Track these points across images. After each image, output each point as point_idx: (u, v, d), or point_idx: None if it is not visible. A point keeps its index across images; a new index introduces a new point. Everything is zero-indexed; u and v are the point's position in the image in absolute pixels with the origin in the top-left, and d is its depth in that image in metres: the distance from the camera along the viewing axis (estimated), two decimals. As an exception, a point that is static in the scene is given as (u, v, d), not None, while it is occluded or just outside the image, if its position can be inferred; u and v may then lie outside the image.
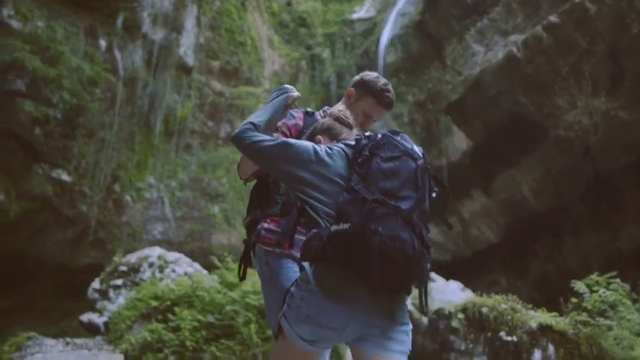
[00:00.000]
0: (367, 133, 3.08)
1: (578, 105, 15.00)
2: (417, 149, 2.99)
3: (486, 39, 16.19)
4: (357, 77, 3.79)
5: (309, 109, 3.75)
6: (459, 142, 16.87)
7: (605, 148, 15.15)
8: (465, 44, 16.62)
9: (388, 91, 3.69)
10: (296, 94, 3.47)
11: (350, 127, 3.40)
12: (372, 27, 19.43)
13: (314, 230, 2.76)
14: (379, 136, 2.97)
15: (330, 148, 3.00)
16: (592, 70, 14.67)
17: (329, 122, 3.40)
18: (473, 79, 16.19)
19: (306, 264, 2.78)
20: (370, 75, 3.76)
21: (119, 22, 14.71)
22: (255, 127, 3.04)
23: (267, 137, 3.00)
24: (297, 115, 3.65)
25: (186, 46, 16.42)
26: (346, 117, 3.42)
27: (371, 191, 2.71)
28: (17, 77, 12.62)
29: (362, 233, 2.57)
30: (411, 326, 2.88)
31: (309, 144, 2.99)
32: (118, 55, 14.76)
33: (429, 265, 2.78)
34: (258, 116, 3.16)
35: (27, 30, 12.94)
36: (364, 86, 3.71)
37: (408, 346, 2.83)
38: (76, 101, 13.51)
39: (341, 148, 3.01)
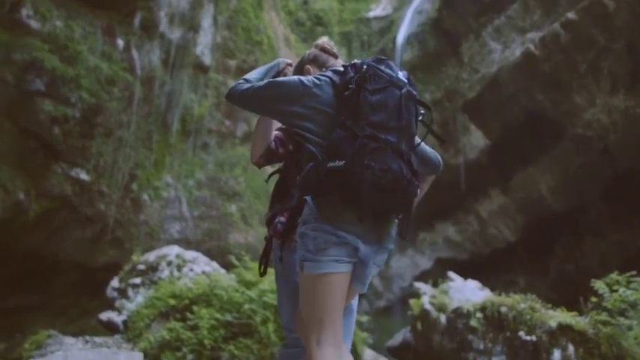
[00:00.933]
0: (354, 62, 3.15)
1: (597, 103, 14.88)
2: (402, 75, 3.11)
3: (503, 36, 16.12)
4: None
5: None
6: (476, 140, 16.80)
7: (625, 146, 15.01)
8: (482, 41, 16.56)
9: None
10: (289, 60, 3.53)
11: (335, 55, 3.59)
12: (389, 25, 19.41)
13: (311, 164, 2.92)
14: (364, 66, 3.03)
15: (318, 79, 3.08)
16: (610, 67, 14.55)
17: (315, 52, 3.59)
18: (490, 76, 16.12)
19: (308, 197, 2.94)
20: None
21: (137, 21, 14.77)
22: (246, 81, 3.11)
23: (256, 83, 3.07)
24: None
25: (203, 45, 16.47)
26: (331, 47, 3.61)
27: (361, 126, 2.85)
28: (36, 77, 12.72)
29: (355, 169, 2.76)
30: (392, 247, 3.13)
31: (295, 79, 3.07)
32: (135, 54, 14.82)
33: (417, 190, 3.00)
34: (251, 75, 3.23)
35: (46, 30, 13.03)
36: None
37: (369, 280, 3.11)
38: (94, 100, 13.59)
39: (328, 77, 3.10)
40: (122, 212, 14.67)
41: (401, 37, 18.28)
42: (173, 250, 11.14)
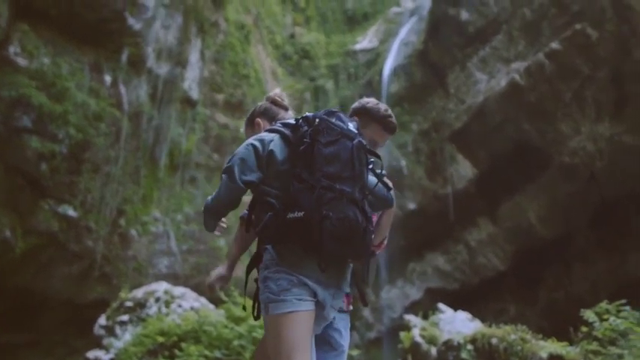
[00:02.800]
0: (306, 115, 3.27)
1: (582, 131, 15.01)
2: (352, 126, 3.22)
3: (489, 67, 16.28)
4: (357, 105, 3.84)
5: None
6: (464, 170, 16.86)
7: (611, 173, 15.11)
8: (467, 72, 16.71)
9: (391, 116, 3.81)
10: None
11: (285, 108, 3.72)
12: (375, 57, 19.57)
13: (269, 214, 3.04)
14: (317, 120, 3.14)
15: (264, 139, 3.23)
16: (595, 95, 14.70)
17: (266, 105, 3.72)
18: (476, 107, 16.24)
19: (268, 246, 3.09)
20: (371, 102, 3.83)
21: (124, 57, 14.83)
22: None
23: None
24: None
25: (191, 80, 16.54)
26: (282, 99, 3.76)
27: (317, 177, 2.96)
28: (24, 113, 12.73)
29: (314, 219, 2.87)
30: (348, 290, 3.26)
31: (246, 151, 3.22)
32: (123, 89, 14.86)
33: (372, 237, 3.14)
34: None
35: (33, 67, 13.07)
36: (368, 114, 3.77)
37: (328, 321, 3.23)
38: (81, 136, 13.59)
39: (280, 131, 3.24)
40: (110, 248, 14.58)
41: (387, 69, 18.42)
42: (161, 286, 11.08)
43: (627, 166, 14.84)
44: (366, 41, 20.61)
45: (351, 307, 3.66)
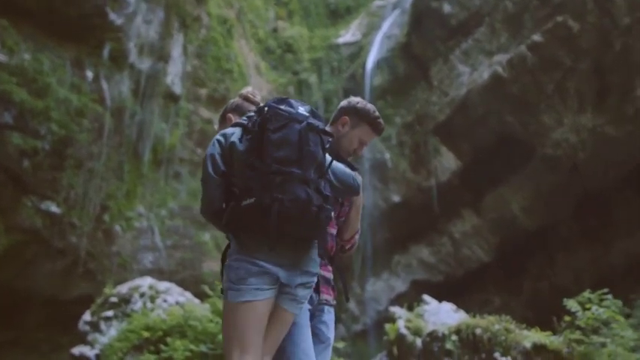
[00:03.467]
0: (260, 106, 3.41)
1: (565, 122, 15.10)
2: (302, 109, 3.28)
3: (471, 59, 16.33)
4: (345, 104, 3.88)
5: None
6: (447, 162, 16.92)
7: (593, 164, 15.22)
8: (450, 65, 16.75)
9: (379, 117, 3.87)
10: None
11: (257, 104, 3.77)
12: (358, 51, 19.56)
13: (232, 203, 3.16)
14: (265, 108, 3.25)
15: (226, 133, 3.38)
16: (577, 87, 14.79)
17: (238, 101, 3.82)
18: (459, 99, 16.29)
19: (230, 234, 3.23)
20: (360, 102, 3.87)
21: (105, 52, 14.75)
22: None
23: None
24: None
25: (174, 75, 16.46)
26: (254, 95, 3.85)
27: (267, 163, 3.07)
28: (5, 110, 12.63)
29: (265, 203, 2.99)
30: (314, 279, 3.27)
31: (212, 147, 3.36)
32: (105, 85, 14.78)
33: (331, 214, 3.16)
34: None
35: (14, 63, 12.96)
36: (358, 114, 3.82)
37: (304, 302, 3.27)
38: (64, 132, 13.50)
39: (242, 124, 3.37)
40: (94, 244, 14.52)
41: (370, 62, 18.42)
42: (146, 282, 11.04)
43: (609, 157, 14.97)
44: (349, 35, 20.60)
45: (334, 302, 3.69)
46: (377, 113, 3.85)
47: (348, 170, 3.50)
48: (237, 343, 3.13)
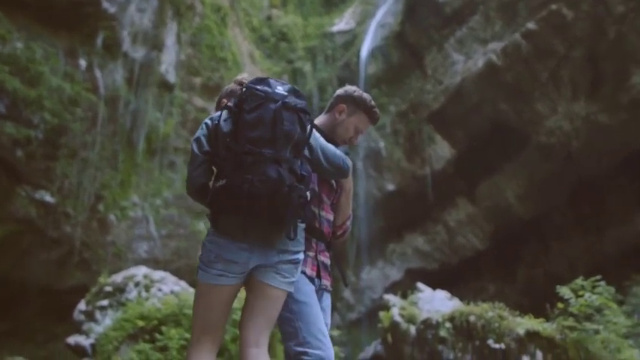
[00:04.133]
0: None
1: (559, 110, 15.13)
2: (281, 89, 3.25)
3: (466, 48, 16.32)
4: (342, 93, 3.91)
5: None
6: (442, 150, 16.95)
7: (587, 152, 15.26)
8: (444, 53, 16.74)
9: (375, 106, 3.91)
10: None
11: None
12: (353, 39, 19.52)
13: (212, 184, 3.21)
14: (244, 89, 3.26)
15: (213, 116, 3.40)
16: (571, 75, 14.81)
17: (232, 86, 3.81)
18: (454, 87, 16.30)
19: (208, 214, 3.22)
20: (357, 91, 3.90)
21: (99, 41, 14.66)
22: None
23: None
24: None
25: (167, 64, 16.39)
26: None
27: (241, 144, 3.08)
28: (-3, 99, 12.57)
29: (235, 184, 3.00)
30: (298, 256, 3.27)
31: (200, 130, 3.39)
32: (98, 74, 14.70)
33: (305, 193, 3.14)
34: None
35: (6, 51, 12.88)
36: (355, 102, 3.85)
37: (290, 277, 3.26)
38: (57, 121, 13.44)
39: (228, 106, 3.34)
40: (89, 234, 14.50)
41: (365, 50, 18.40)
42: (140, 271, 11.03)
43: (603, 145, 15.01)
44: (343, 23, 20.54)
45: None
46: (373, 102, 3.88)
47: (338, 152, 3.51)
48: (200, 322, 3.31)
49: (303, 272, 3.47)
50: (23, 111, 12.87)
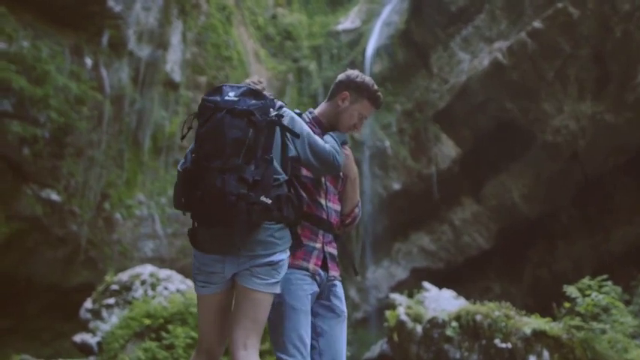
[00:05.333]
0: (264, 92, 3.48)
1: (565, 109, 15.08)
2: (232, 94, 3.27)
3: (472, 46, 16.28)
4: (344, 78, 3.85)
5: (297, 110, 3.76)
6: (447, 149, 16.92)
7: (593, 151, 15.21)
8: (450, 52, 16.70)
9: (378, 90, 3.86)
10: None
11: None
12: (358, 38, 19.50)
13: None
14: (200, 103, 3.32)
15: None
16: (577, 74, 14.75)
17: None
18: (459, 86, 16.26)
19: None
20: (359, 76, 3.85)
21: (104, 39, 14.69)
22: None
23: None
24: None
25: (173, 62, 16.42)
26: (257, 84, 3.75)
27: (196, 158, 3.17)
28: (4, 97, 12.58)
29: (189, 198, 3.14)
30: (273, 258, 3.24)
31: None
32: (104, 72, 14.73)
33: (260, 199, 3.10)
34: None
35: (12, 50, 12.91)
36: (358, 89, 3.80)
37: (270, 279, 3.24)
38: (63, 120, 13.47)
39: None
40: (95, 232, 14.53)
41: (370, 49, 18.37)
42: (147, 269, 11.05)
43: (609, 145, 14.96)
44: (348, 22, 20.52)
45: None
46: (376, 86, 3.84)
47: (328, 147, 3.48)
48: (199, 331, 3.55)
49: (305, 268, 3.46)
50: (29, 110, 12.90)
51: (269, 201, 3.13)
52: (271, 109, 3.30)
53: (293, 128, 3.37)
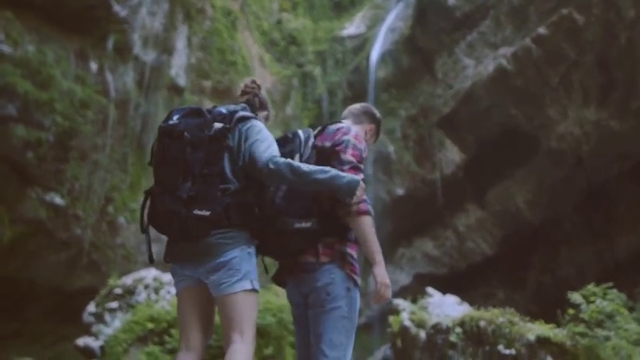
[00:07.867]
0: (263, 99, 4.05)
1: (569, 116, 15.07)
2: (175, 117, 3.45)
3: (476, 52, 16.28)
4: (376, 114, 4.03)
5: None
6: (452, 155, 16.90)
7: (598, 158, 15.20)
8: (455, 58, 16.70)
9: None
10: None
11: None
12: (363, 43, 19.51)
13: None
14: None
15: None
16: (582, 80, 14.75)
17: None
18: (464, 92, 16.25)
19: None
20: (375, 111, 4.06)
21: (110, 44, 14.70)
22: None
23: None
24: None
25: (178, 67, 16.44)
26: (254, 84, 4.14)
27: (155, 183, 3.45)
28: (9, 102, 12.59)
29: (151, 216, 3.41)
30: (228, 257, 3.34)
31: None
32: (109, 77, 14.75)
33: (204, 212, 3.24)
34: None
35: (18, 54, 12.92)
36: (378, 129, 4.07)
37: (227, 279, 3.35)
38: (68, 124, 13.48)
39: None
40: (98, 236, 14.53)
41: (375, 54, 18.37)
42: (150, 273, 11.05)
43: (614, 151, 14.95)
44: (353, 27, 20.54)
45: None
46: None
47: (267, 153, 3.38)
48: (180, 327, 3.67)
49: (359, 284, 3.65)
50: (34, 113, 12.92)
51: (206, 213, 3.25)
52: (215, 124, 3.40)
53: (248, 135, 3.45)
